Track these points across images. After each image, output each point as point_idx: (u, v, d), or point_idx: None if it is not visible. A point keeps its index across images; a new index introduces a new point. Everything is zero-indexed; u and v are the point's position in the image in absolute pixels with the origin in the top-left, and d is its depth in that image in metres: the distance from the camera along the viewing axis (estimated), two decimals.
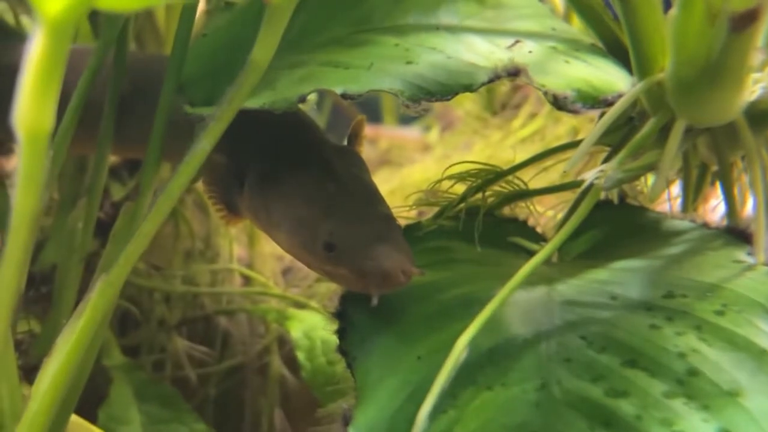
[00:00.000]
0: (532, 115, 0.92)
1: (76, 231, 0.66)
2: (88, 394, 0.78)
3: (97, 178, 0.62)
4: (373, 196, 0.52)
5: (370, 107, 1.24)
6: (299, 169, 0.52)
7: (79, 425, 0.65)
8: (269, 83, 0.50)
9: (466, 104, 1.07)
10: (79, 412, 0.64)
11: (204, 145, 0.41)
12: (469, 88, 0.48)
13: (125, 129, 0.60)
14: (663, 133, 0.44)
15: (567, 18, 0.78)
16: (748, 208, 0.52)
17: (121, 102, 0.58)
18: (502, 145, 0.88)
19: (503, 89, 1.00)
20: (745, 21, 0.36)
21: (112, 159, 0.80)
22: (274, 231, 0.52)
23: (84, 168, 0.72)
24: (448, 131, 1.10)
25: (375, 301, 0.46)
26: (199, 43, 0.55)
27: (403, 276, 0.45)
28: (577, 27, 0.64)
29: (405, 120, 1.24)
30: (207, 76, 0.54)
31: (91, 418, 0.69)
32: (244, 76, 0.40)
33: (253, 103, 0.49)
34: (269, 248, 0.89)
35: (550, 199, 0.65)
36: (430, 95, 0.47)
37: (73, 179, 0.72)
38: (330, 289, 0.83)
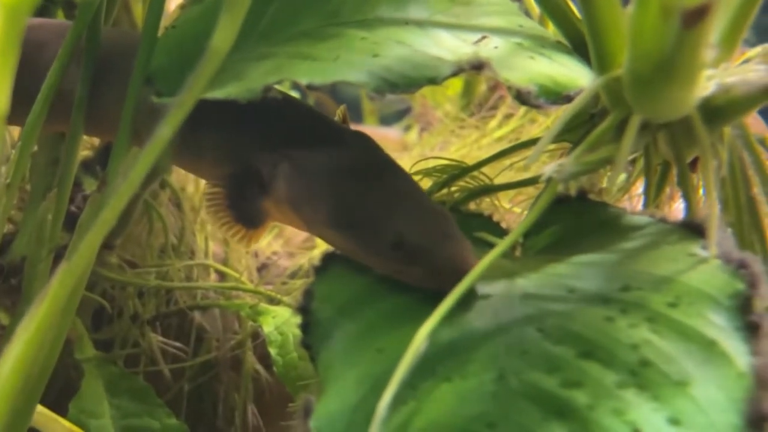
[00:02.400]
0: (508, 116, 0.92)
1: (46, 223, 0.66)
2: (62, 388, 0.78)
3: (67, 169, 0.62)
4: (416, 186, 0.51)
5: (352, 107, 1.25)
6: (340, 160, 0.51)
7: (47, 417, 0.65)
8: (237, 75, 0.51)
9: (446, 105, 1.08)
10: (52, 406, 0.64)
11: (165, 132, 0.41)
12: (433, 81, 0.48)
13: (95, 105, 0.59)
14: (621, 129, 0.45)
15: (542, 18, 0.79)
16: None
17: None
18: (478, 145, 0.88)
19: (481, 90, 1.01)
20: (696, 17, 0.36)
21: (85, 152, 0.80)
22: (323, 228, 0.50)
23: (56, 161, 0.72)
24: (427, 131, 1.10)
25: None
26: (168, 34, 0.56)
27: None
28: (550, 27, 0.65)
29: (385, 120, 1.25)
30: (175, 67, 0.54)
31: (64, 412, 0.69)
32: (204, 63, 0.40)
33: (220, 94, 0.49)
34: None
35: (520, 197, 0.66)
36: (395, 87, 0.48)
37: (45, 172, 0.72)
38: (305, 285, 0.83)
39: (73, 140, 0.61)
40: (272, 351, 0.73)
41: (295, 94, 1.15)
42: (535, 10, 0.85)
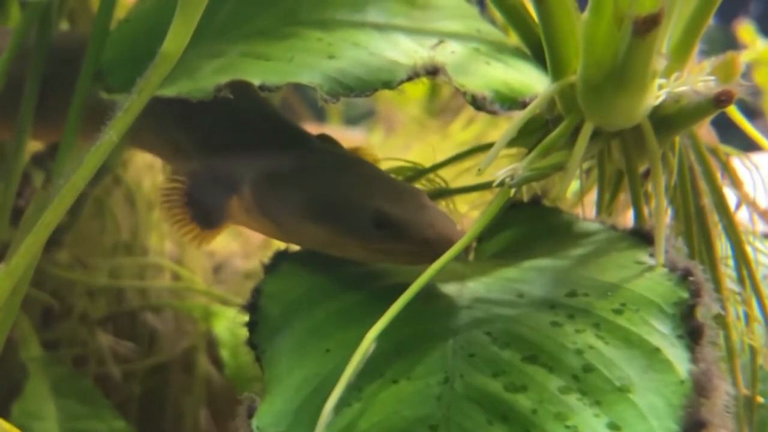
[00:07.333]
0: (471, 120, 0.93)
1: None
2: (5, 389, 0.76)
3: (14, 164, 0.61)
4: (384, 172, 0.52)
5: (316, 108, 1.24)
6: (309, 159, 0.51)
7: None
8: (189, 72, 0.50)
9: (410, 109, 1.08)
10: None
11: (111, 136, 0.40)
12: (388, 84, 0.48)
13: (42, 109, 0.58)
14: (574, 135, 0.45)
15: (506, 24, 0.79)
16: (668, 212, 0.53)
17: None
18: (440, 148, 0.88)
19: (446, 94, 1.02)
20: (647, 25, 0.37)
21: (36, 147, 0.78)
22: (299, 223, 0.49)
23: (5, 157, 0.70)
24: (392, 134, 1.10)
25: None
26: (120, 28, 0.55)
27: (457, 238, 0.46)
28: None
29: (350, 121, 1.25)
30: (126, 63, 0.53)
31: (6, 414, 0.67)
32: (154, 67, 0.39)
33: (171, 92, 0.48)
34: None
35: (479, 201, 0.66)
36: (350, 90, 0.47)
37: None
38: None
39: (21, 132, 0.59)
40: (223, 353, 0.72)
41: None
42: (500, 18, 0.85)
